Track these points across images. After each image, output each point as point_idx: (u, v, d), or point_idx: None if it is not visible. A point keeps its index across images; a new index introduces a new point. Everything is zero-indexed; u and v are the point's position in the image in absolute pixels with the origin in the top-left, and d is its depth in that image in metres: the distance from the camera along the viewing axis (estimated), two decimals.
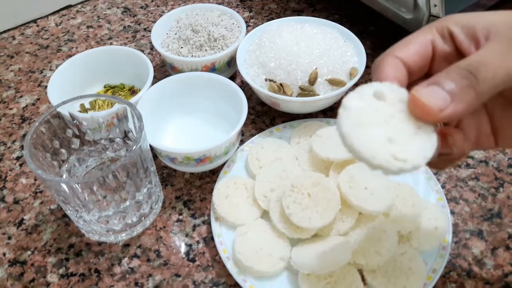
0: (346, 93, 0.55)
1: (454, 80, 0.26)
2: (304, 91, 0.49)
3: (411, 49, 0.30)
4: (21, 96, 0.60)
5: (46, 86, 0.55)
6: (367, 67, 0.51)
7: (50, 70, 0.64)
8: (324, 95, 0.49)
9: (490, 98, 0.27)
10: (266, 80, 0.50)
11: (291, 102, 0.49)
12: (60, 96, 0.49)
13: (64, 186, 0.37)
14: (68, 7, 0.75)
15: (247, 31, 0.57)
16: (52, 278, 0.43)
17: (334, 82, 0.50)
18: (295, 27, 0.54)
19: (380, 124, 0.26)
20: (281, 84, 0.50)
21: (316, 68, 0.50)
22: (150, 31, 0.61)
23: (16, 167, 0.52)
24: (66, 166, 0.44)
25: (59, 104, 0.41)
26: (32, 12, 0.72)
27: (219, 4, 0.62)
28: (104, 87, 0.57)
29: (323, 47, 0.51)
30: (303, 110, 0.52)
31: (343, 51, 0.52)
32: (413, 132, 0.26)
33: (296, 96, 0.50)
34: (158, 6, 0.74)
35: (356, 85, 0.50)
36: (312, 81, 0.49)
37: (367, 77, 0.58)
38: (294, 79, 0.50)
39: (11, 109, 0.59)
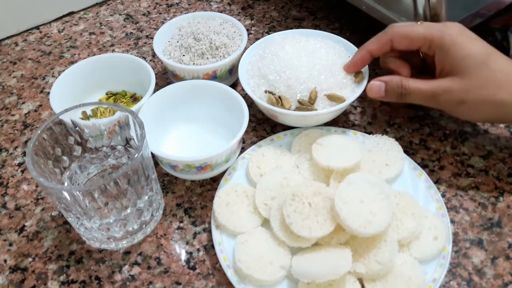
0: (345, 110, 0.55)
1: (390, 88, 0.47)
2: (302, 105, 0.49)
3: (374, 45, 0.49)
4: (23, 103, 0.61)
5: (48, 93, 0.55)
6: (368, 82, 0.51)
7: (53, 76, 0.64)
8: (321, 111, 0.49)
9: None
10: (265, 92, 0.51)
11: (288, 116, 0.50)
12: (62, 102, 0.50)
13: (66, 194, 0.37)
14: (70, 13, 0.75)
15: (249, 39, 0.57)
16: (53, 285, 0.43)
17: (333, 98, 0.50)
18: (299, 39, 0.54)
19: None
20: (279, 97, 0.50)
21: (316, 88, 0.50)
22: (152, 38, 0.61)
23: (17, 173, 0.52)
24: (68, 173, 0.45)
25: (61, 112, 0.41)
26: (35, 18, 0.72)
27: (220, 12, 0.63)
28: (106, 94, 0.58)
29: (325, 62, 0.51)
30: (300, 124, 0.52)
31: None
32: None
33: (294, 110, 0.50)
34: (160, 13, 0.74)
35: (359, 97, 0.50)
36: (313, 98, 0.49)
37: None
38: (293, 93, 0.50)
39: (13, 115, 0.59)
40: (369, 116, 0.56)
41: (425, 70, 0.50)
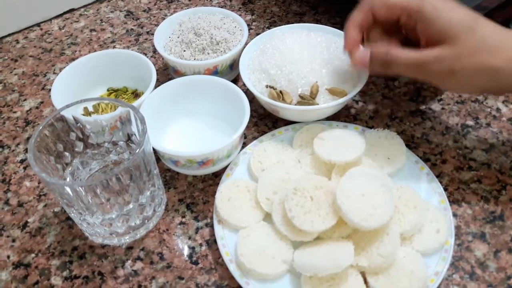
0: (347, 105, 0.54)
1: (375, 55, 0.45)
2: (304, 100, 0.49)
3: (359, 17, 0.47)
4: (25, 100, 0.61)
5: (49, 90, 0.55)
6: (370, 76, 0.51)
7: (54, 73, 0.64)
8: (322, 105, 0.49)
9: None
10: (266, 86, 0.51)
11: (290, 110, 0.49)
12: (64, 99, 0.50)
13: (68, 189, 0.37)
14: (71, 10, 0.75)
15: (249, 34, 0.57)
16: (56, 280, 0.43)
17: (334, 92, 0.49)
18: (300, 34, 0.54)
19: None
20: (280, 92, 0.50)
21: (317, 82, 0.49)
22: (152, 34, 0.62)
23: (20, 170, 0.52)
24: (70, 169, 0.45)
25: (62, 107, 0.42)
26: (36, 15, 0.72)
27: (221, 7, 0.63)
28: (107, 90, 0.58)
29: (326, 56, 0.51)
30: (301, 118, 0.52)
31: (347, 61, 0.51)
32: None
33: (295, 104, 0.50)
34: (160, 9, 0.74)
35: (360, 91, 0.50)
36: (315, 93, 0.49)
37: (370, 85, 0.58)
38: (294, 87, 0.50)
39: (15, 112, 0.59)
40: (370, 110, 0.56)
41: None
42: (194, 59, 0.55)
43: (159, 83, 0.52)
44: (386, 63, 0.44)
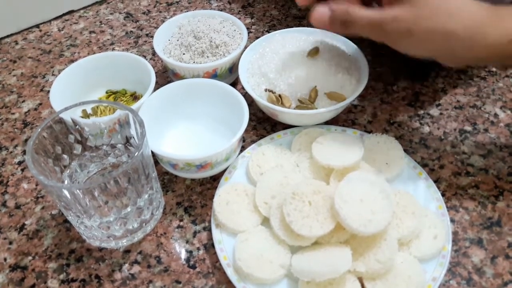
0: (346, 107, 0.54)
1: (334, 15, 0.42)
2: (303, 104, 0.49)
3: None
4: (23, 101, 0.61)
5: (48, 91, 0.55)
6: (369, 81, 0.51)
7: (53, 75, 0.64)
8: (321, 110, 0.49)
9: None
10: (265, 90, 0.51)
11: (288, 114, 0.49)
12: (62, 101, 0.50)
13: (66, 192, 0.37)
14: (70, 12, 0.75)
15: (249, 38, 0.57)
16: (53, 283, 0.43)
17: (333, 97, 0.50)
18: (299, 38, 0.54)
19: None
20: (279, 95, 0.50)
21: (316, 86, 0.50)
22: (152, 37, 0.61)
23: (17, 172, 0.52)
24: (68, 171, 0.44)
25: (61, 110, 0.41)
26: (35, 17, 0.72)
27: (221, 10, 0.63)
28: (106, 92, 0.57)
29: (325, 60, 0.51)
30: (300, 122, 0.52)
31: (346, 66, 0.52)
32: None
33: (294, 108, 0.50)
34: (160, 12, 0.74)
35: (359, 96, 0.50)
36: (314, 97, 0.49)
37: (369, 89, 0.59)
38: (294, 91, 0.50)
39: (13, 113, 0.59)
40: (369, 114, 0.56)
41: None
42: (194, 62, 0.55)
43: (158, 85, 0.52)
44: (345, 22, 0.42)
